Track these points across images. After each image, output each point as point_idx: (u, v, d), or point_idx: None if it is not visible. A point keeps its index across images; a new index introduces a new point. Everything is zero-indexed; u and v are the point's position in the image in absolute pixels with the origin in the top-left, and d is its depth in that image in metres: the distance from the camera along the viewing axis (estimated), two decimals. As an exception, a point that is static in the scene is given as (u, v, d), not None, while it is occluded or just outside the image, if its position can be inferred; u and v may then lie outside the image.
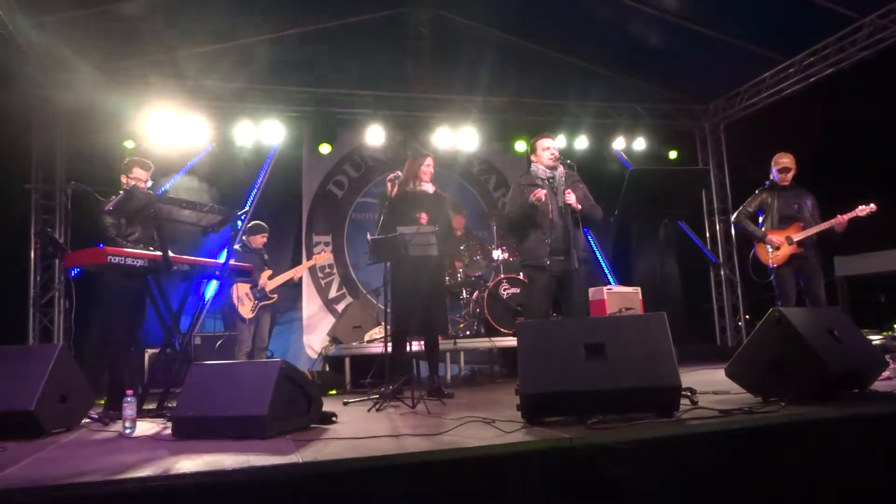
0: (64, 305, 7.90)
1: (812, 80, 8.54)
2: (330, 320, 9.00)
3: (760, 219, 6.16)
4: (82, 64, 7.68)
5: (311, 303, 9.24)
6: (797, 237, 5.85)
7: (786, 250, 5.88)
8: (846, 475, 2.93)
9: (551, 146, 5.16)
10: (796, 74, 8.68)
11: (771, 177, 6.14)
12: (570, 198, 4.86)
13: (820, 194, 6.12)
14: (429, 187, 5.47)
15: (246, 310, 6.99)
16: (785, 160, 6.07)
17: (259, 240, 7.28)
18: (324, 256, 8.33)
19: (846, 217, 5.72)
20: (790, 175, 6.04)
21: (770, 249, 5.94)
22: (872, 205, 5.69)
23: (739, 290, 10.20)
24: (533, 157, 5.26)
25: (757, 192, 6.23)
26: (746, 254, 6.28)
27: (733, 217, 6.35)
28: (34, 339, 7.70)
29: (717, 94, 10.09)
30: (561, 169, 5.07)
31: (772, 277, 6.01)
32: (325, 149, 9.34)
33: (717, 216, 10.45)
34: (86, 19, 7.04)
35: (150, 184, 5.22)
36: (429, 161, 5.52)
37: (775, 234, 5.95)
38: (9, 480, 2.47)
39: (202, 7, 7.15)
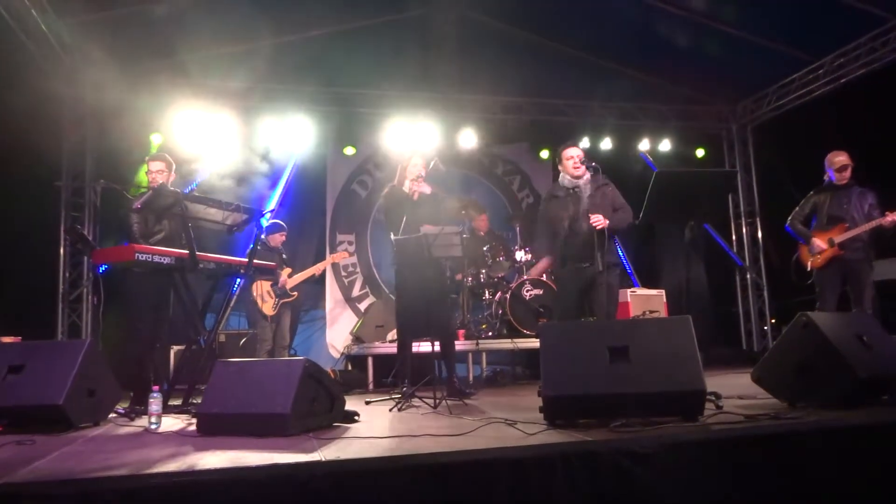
0: (92, 302, 8.02)
1: (842, 81, 8.39)
2: (353, 319, 9.04)
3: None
4: (112, 64, 7.79)
5: (334, 301, 9.29)
6: (839, 239, 5.68)
7: (826, 253, 5.74)
8: (874, 483, 2.88)
9: (575, 155, 5.15)
10: (826, 76, 8.53)
11: (826, 177, 5.97)
12: (597, 219, 4.86)
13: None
14: (425, 188, 5.41)
15: (267, 307, 7.04)
16: (841, 158, 5.84)
17: (277, 238, 7.33)
18: (341, 255, 8.36)
19: (894, 216, 5.50)
20: (848, 172, 5.82)
21: (811, 252, 5.81)
22: None
23: (766, 294, 10.06)
24: (560, 167, 5.25)
25: (811, 193, 6.04)
26: (781, 257, 6.14)
27: (788, 221, 6.18)
28: (63, 335, 7.81)
29: (745, 95, 9.97)
30: (587, 176, 5.07)
31: (815, 280, 5.88)
32: (349, 151, 9.46)
33: (744, 219, 10.30)
34: (116, 20, 7.15)
35: (173, 177, 5.28)
36: (415, 161, 5.46)
37: (819, 236, 5.79)
38: (37, 473, 2.51)
39: (229, 8, 7.21)
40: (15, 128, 6.26)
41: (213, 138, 8.55)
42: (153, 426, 3.65)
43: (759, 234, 10.06)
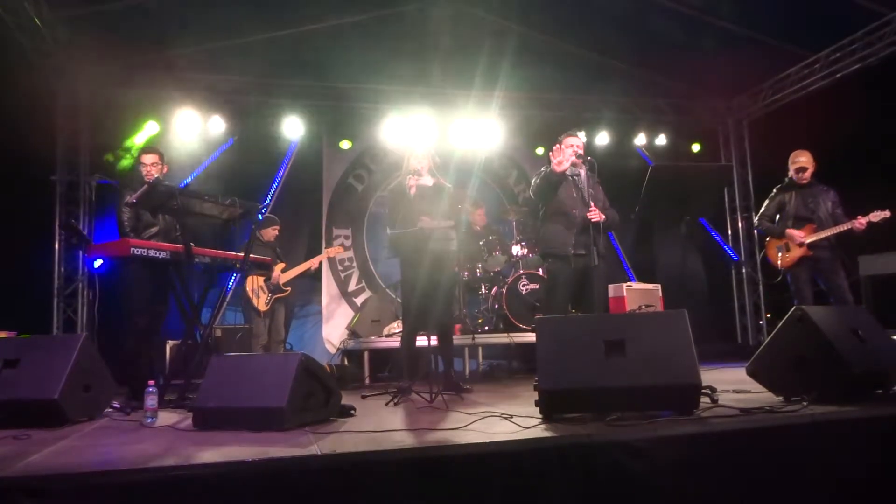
0: (87, 296, 8.00)
1: (838, 75, 8.40)
2: (349, 313, 9.03)
3: (779, 218, 6.06)
4: (106, 58, 7.76)
5: (330, 296, 9.27)
6: (809, 239, 5.74)
7: (795, 252, 5.78)
8: (868, 476, 2.89)
9: (575, 144, 5.15)
10: (822, 70, 8.54)
11: (789, 175, 6.03)
12: (594, 216, 4.89)
13: (844, 192, 5.99)
14: (427, 180, 5.35)
15: (260, 302, 7.02)
16: (802, 159, 5.91)
17: (271, 233, 7.29)
18: (336, 250, 8.33)
19: (864, 220, 5.59)
20: (808, 174, 5.90)
21: (779, 251, 5.87)
22: (887, 211, 5.57)
23: (761, 289, 10.09)
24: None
25: (774, 191, 6.10)
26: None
27: (755, 222, 6.25)
28: (58, 330, 7.79)
29: (741, 90, 9.97)
30: (584, 168, 5.09)
31: (787, 278, 5.93)
32: (345, 145, 9.44)
33: (739, 213, 10.34)
34: (110, 15, 7.12)
35: (166, 169, 5.27)
36: (415, 155, 5.43)
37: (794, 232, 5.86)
38: (32, 467, 2.51)
39: (224, 3, 7.19)
40: (8, 122, 6.23)
41: (208, 132, 8.54)
42: (149, 421, 3.64)
43: (755, 229, 10.08)
